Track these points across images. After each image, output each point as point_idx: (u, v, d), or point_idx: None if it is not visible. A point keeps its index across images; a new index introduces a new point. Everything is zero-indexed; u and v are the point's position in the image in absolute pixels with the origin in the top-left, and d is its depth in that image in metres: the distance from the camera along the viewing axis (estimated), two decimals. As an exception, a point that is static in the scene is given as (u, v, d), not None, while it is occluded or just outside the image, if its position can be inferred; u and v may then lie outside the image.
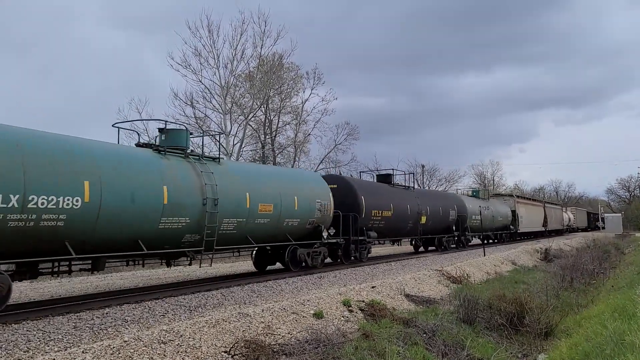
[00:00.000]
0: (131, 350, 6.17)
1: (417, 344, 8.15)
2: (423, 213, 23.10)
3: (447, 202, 26.69)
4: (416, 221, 22.51)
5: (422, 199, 23.45)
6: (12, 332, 6.91)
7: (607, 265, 22.97)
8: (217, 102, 32.60)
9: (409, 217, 21.89)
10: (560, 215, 56.46)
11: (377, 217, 19.18)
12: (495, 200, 37.21)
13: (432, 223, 24.06)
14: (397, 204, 20.79)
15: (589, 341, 7.93)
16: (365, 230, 18.51)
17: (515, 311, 10.68)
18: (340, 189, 17.81)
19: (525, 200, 44.00)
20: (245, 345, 6.99)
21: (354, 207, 17.86)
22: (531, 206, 44.14)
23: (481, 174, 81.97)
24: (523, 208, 40.22)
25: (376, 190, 20.36)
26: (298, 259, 14.71)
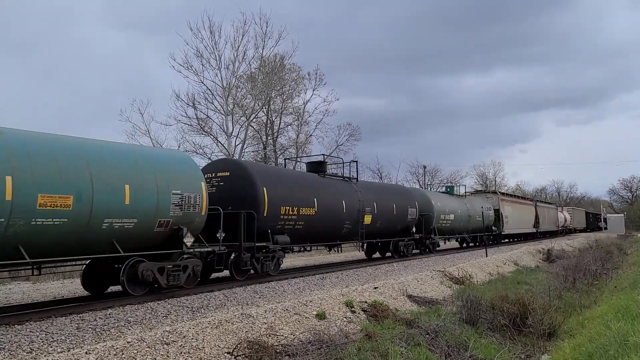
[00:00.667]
0: (134, 351, 6.17)
1: (420, 344, 8.13)
2: (367, 211, 18.32)
3: (404, 199, 21.66)
4: (356, 221, 17.65)
5: (366, 194, 18.60)
6: (15, 334, 6.91)
7: (609, 265, 22.93)
8: (219, 103, 32.64)
9: (345, 216, 16.99)
10: (554, 215, 52.96)
11: (289, 215, 14.13)
12: (474, 198, 33.29)
13: (381, 224, 19.38)
14: (325, 199, 15.94)
15: (593, 342, 7.90)
16: (272, 233, 13.48)
17: (518, 312, 10.66)
18: (233, 178, 13.29)
19: (511, 198, 39.46)
20: (248, 346, 6.98)
21: (250, 201, 12.85)
22: (519, 205, 40.07)
23: (483, 175, 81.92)
24: (509, 207, 36.26)
25: (291, 180, 15.18)
26: (141, 278, 9.74)
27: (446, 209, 25.69)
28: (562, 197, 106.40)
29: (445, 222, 25.42)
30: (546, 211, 48.86)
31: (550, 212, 51.30)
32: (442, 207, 25.19)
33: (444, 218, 25.18)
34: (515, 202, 39.74)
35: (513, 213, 36.57)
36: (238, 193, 13.01)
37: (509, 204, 36.78)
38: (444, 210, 25.31)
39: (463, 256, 23.15)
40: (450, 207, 26.27)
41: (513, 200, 39.46)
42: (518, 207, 39.08)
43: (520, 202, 41.24)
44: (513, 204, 38.18)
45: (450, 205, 26.57)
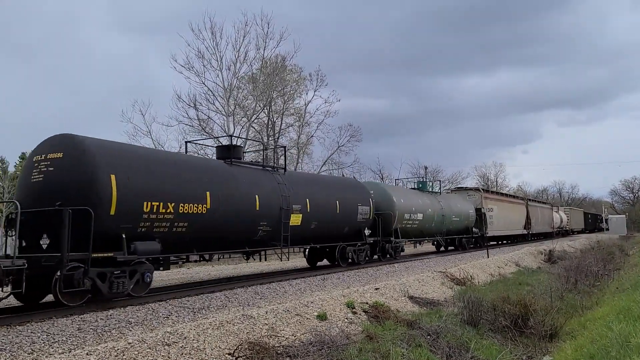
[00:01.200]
0: (135, 352, 6.17)
1: (421, 345, 8.12)
2: (296, 209, 14.25)
3: (352, 195, 17.56)
4: (278, 222, 13.56)
5: (295, 188, 14.57)
6: (17, 334, 6.92)
7: (611, 267, 22.87)
8: (220, 104, 32.69)
9: (260, 215, 12.95)
10: (549, 215, 49.17)
11: (161, 214, 10.17)
12: (452, 195, 30.18)
13: (318, 225, 15.30)
14: (227, 192, 11.95)
15: (594, 343, 7.89)
16: (127, 239, 9.55)
17: (519, 313, 10.64)
18: (67, 161, 9.36)
19: (497, 197, 35.39)
20: (249, 347, 6.98)
21: (83, 194, 9.01)
22: (507, 204, 36.13)
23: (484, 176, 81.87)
24: (494, 206, 32.51)
25: (167, 166, 10.94)
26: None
27: (412, 208, 21.93)
28: (564, 198, 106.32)
29: (410, 223, 21.67)
30: (539, 211, 45.36)
31: (544, 212, 47.67)
32: (406, 205, 21.41)
33: (409, 218, 21.45)
34: (502, 200, 35.70)
35: (499, 213, 32.83)
36: (68, 182, 9.14)
37: (494, 202, 33.06)
38: (409, 209, 21.58)
39: (463, 258, 23.11)
40: (418, 206, 22.54)
41: (499, 198, 35.42)
42: (506, 206, 35.30)
43: (509, 201, 37.29)
44: (499, 202, 34.27)
45: (418, 203, 22.82)
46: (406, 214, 21.22)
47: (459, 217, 26.89)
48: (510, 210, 36.12)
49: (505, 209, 34.63)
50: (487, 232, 30.53)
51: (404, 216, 21.00)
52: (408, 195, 22.70)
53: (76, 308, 8.67)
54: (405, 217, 21.14)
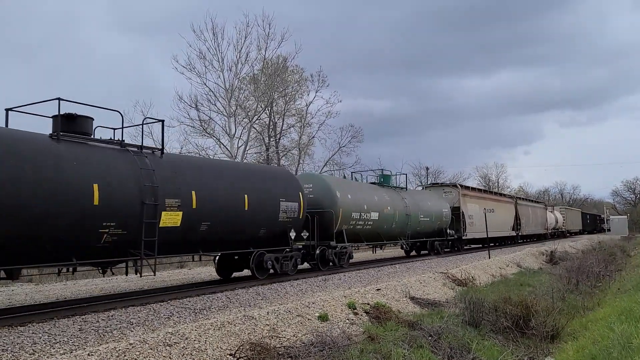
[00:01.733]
0: (137, 352, 6.18)
1: (423, 346, 8.11)
2: (171, 205, 10.62)
3: (271, 186, 13.83)
4: (138, 221, 9.96)
5: (173, 176, 10.94)
6: (18, 335, 6.93)
7: (613, 267, 22.83)
8: (222, 105, 32.74)
9: (101, 213, 9.29)
10: (542, 215, 45.64)
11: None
12: (423, 192, 26.80)
13: (211, 227, 11.59)
14: (31, 181, 8.32)
15: (596, 344, 7.88)
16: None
17: (521, 314, 10.62)
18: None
19: (479, 194, 31.33)
20: (251, 348, 6.98)
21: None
22: (491, 202, 31.91)
23: (485, 176, 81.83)
24: (474, 205, 28.83)
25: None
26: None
27: (364, 205, 18.02)
28: (565, 198, 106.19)
29: (362, 224, 17.87)
30: (530, 211, 41.65)
31: (537, 212, 44.00)
32: (354, 202, 17.57)
33: (359, 217, 17.61)
34: (485, 198, 31.43)
35: (482, 213, 28.23)
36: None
37: (475, 201, 29.25)
38: (359, 207, 17.71)
39: (464, 259, 23.07)
40: (372, 203, 18.62)
41: (482, 196, 31.30)
42: (489, 205, 30.95)
43: (494, 199, 33.06)
44: (481, 200, 30.25)
45: (373, 200, 18.82)
46: (355, 213, 17.39)
47: (429, 217, 22.87)
48: (496, 210, 31.92)
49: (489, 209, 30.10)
50: (466, 234, 26.70)
51: (351, 215, 17.15)
52: (360, 191, 18.65)
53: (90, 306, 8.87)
54: (353, 217, 17.32)
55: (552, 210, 52.61)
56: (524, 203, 40.82)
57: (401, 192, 22.13)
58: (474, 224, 28.11)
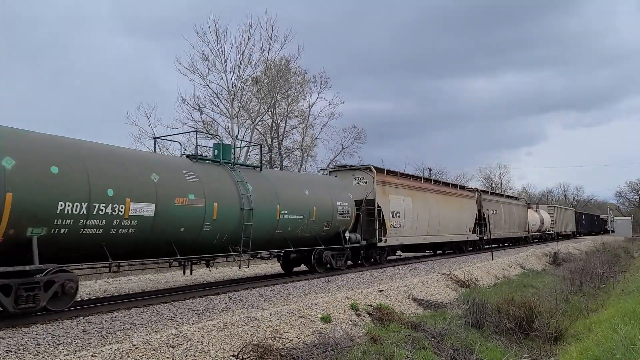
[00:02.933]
0: (140, 354, 6.19)
1: (426, 348, 8.11)
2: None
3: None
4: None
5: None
6: (22, 336, 6.95)
7: (616, 269, 22.78)
8: (225, 107, 32.81)
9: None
10: (521, 215, 37.54)
11: None
12: (307, 177, 19.50)
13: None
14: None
15: (600, 346, 7.85)
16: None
17: (524, 315, 10.61)
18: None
19: (411, 183, 21.65)
20: (254, 349, 6.99)
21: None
22: (434, 195, 22.90)
23: (489, 177, 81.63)
24: (403, 198, 19.95)
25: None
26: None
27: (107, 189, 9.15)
28: (569, 199, 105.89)
29: (93, 227, 8.84)
30: (503, 209, 33.17)
31: (514, 211, 35.99)
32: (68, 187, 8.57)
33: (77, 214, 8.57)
34: (424, 189, 22.18)
35: (420, 209, 20.98)
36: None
37: (404, 192, 20.10)
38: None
39: (467, 260, 23.01)
40: (138, 189, 9.78)
41: (415, 186, 21.67)
42: (432, 199, 22.44)
43: (438, 191, 23.66)
44: (416, 192, 21.07)
45: (147, 183, 10.03)
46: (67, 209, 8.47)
47: (302, 215, 14.47)
48: (446, 207, 23.66)
49: (433, 205, 22.32)
50: (385, 238, 18.12)
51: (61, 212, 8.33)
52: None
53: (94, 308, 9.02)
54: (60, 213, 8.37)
55: (536, 209, 45.55)
56: (492, 199, 31.96)
57: (245, 171, 13.43)
58: (402, 224, 19.55)
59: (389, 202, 18.96)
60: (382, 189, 18.77)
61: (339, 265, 16.10)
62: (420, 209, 21.25)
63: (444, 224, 23.48)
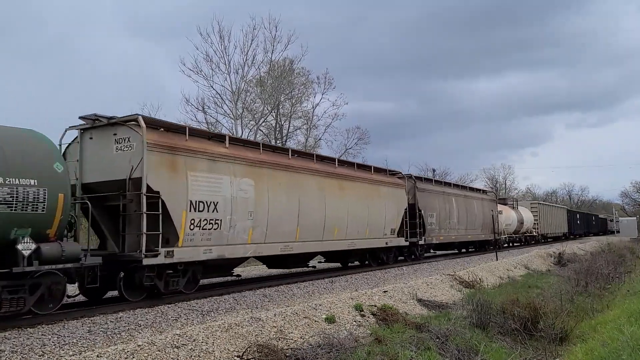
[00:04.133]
0: (145, 354, 6.21)
1: (430, 348, 8.09)
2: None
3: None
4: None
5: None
6: (27, 337, 6.98)
7: (622, 269, 22.68)
8: (228, 108, 32.87)
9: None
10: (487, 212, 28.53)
11: None
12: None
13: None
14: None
15: (605, 346, 7.83)
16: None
17: (529, 316, 10.58)
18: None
19: (263, 158, 13.00)
20: (258, 350, 7.00)
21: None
22: (314, 180, 14.73)
23: (493, 178, 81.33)
24: (237, 182, 11.84)
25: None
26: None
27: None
28: (573, 200, 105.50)
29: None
30: (457, 204, 25.12)
31: (475, 207, 27.57)
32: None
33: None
34: (295, 169, 14.13)
35: (278, 199, 13.16)
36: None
37: (235, 170, 11.91)
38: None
39: (471, 261, 22.96)
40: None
41: (270, 162, 13.19)
42: (311, 185, 14.62)
43: (328, 174, 15.54)
44: (273, 172, 13.17)
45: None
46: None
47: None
48: (338, 196, 15.56)
49: (309, 192, 14.38)
50: (165, 251, 9.98)
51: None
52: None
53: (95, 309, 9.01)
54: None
55: (513, 206, 37.92)
56: (437, 189, 23.72)
57: None
58: (223, 225, 11.44)
59: (186, 185, 10.55)
60: (171, 162, 10.34)
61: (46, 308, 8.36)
62: (279, 198, 12.92)
63: (334, 222, 15.09)
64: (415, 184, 21.63)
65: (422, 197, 21.61)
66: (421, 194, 21.69)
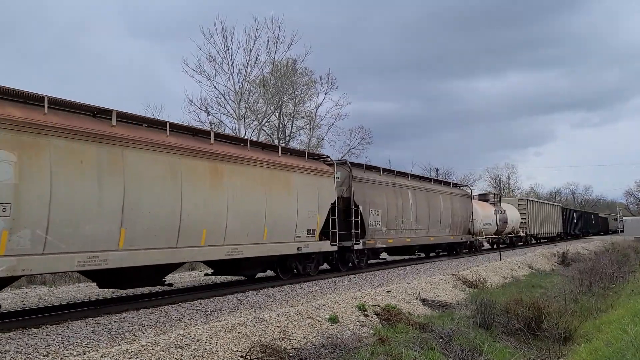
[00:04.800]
0: (148, 354, 6.23)
1: (434, 349, 8.09)
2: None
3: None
4: None
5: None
6: (32, 337, 7.00)
7: (626, 269, 22.59)
8: (232, 108, 32.93)
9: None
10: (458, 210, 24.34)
11: None
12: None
13: None
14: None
15: (609, 346, 7.80)
16: None
17: (532, 316, 10.56)
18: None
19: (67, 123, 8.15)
20: (261, 350, 7.01)
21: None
22: (191, 165, 10.38)
23: (496, 177, 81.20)
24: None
25: None
26: None
27: None
28: (577, 199, 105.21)
29: None
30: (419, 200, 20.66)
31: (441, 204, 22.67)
32: None
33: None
34: (139, 145, 9.35)
35: (86, 191, 8.34)
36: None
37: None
38: None
39: (475, 260, 22.93)
40: None
41: (97, 134, 8.62)
42: (171, 172, 9.98)
43: (204, 155, 10.80)
44: (89, 147, 8.43)
45: None
46: None
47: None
48: (214, 189, 11.06)
49: (139, 176, 9.35)
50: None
51: None
52: None
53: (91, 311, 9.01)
54: None
55: (494, 203, 32.13)
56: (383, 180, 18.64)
57: None
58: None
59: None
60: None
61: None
62: (76, 185, 8.36)
63: (200, 222, 10.63)
64: (350, 172, 16.56)
65: (360, 189, 16.68)
66: (359, 185, 16.72)
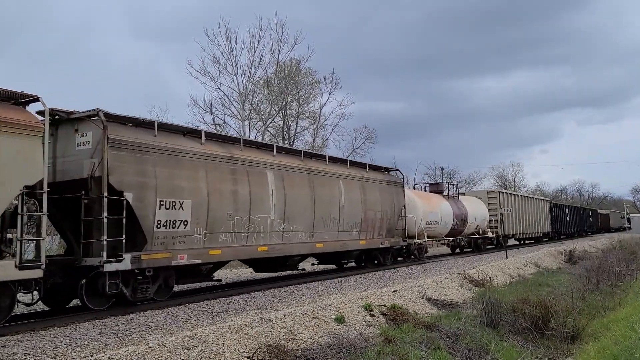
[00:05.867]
0: (155, 355, 6.24)
1: (440, 348, 8.07)
2: None
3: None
4: None
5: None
6: (40, 339, 7.04)
7: (634, 267, 22.47)
8: (236, 109, 32.97)
9: None
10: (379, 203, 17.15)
11: None
12: None
13: None
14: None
15: (618, 344, 7.76)
16: None
17: (540, 314, 10.52)
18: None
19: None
20: (268, 351, 7.01)
21: None
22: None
23: (502, 176, 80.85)
24: None
25: None
26: None
27: None
28: (584, 197, 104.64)
29: None
30: (275, 183, 12.64)
31: (343, 193, 15.34)
32: None
33: None
34: None
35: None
36: None
37: None
38: None
39: (481, 259, 22.85)
40: None
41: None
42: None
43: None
44: None
45: None
46: None
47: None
48: None
49: None
50: None
51: None
52: None
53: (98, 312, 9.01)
54: None
55: (451, 196, 25.88)
56: (187, 148, 10.54)
57: None
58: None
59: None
60: None
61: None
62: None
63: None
64: (105, 130, 9.02)
65: (124, 162, 9.28)
66: (124, 156, 9.31)
